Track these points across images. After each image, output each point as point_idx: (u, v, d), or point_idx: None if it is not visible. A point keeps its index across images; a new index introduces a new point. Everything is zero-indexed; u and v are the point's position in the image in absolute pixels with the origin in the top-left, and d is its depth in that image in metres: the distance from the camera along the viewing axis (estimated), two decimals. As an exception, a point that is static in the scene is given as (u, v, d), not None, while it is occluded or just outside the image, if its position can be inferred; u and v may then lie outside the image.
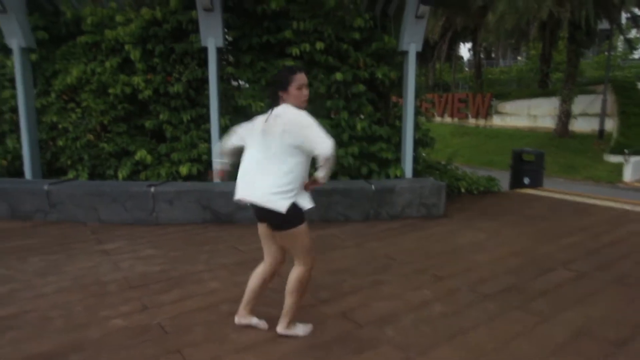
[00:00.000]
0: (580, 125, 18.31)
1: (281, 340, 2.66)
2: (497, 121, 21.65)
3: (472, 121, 22.35)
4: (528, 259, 4.11)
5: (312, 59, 6.06)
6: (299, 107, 2.43)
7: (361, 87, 6.12)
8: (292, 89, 2.43)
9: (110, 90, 5.89)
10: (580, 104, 18.26)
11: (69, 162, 6.05)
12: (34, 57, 5.97)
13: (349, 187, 5.41)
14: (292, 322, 2.69)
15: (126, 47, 5.88)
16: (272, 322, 2.77)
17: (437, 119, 22.90)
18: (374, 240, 4.69)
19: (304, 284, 2.62)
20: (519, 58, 34.82)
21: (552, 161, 14.65)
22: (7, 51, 6.04)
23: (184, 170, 5.82)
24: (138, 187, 5.19)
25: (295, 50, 5.89)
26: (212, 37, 5.56)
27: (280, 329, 2.67)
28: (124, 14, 6.00)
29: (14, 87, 5.99)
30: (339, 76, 5.98)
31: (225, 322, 2.87)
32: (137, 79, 5.86)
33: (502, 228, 5.18)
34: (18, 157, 6.13)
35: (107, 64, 5.90)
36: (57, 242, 4.42)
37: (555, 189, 8.33)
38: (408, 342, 2.67)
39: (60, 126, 6.00)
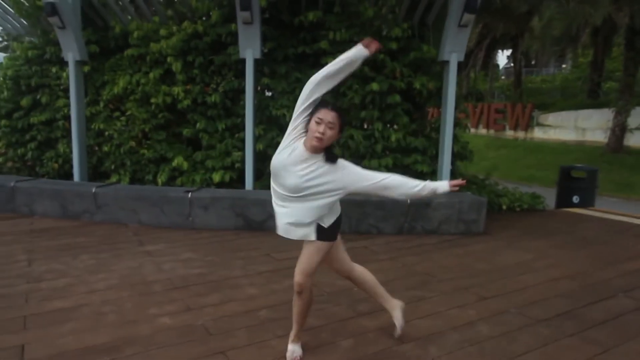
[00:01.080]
0: (637, 140, 17.49)
1: (320, 351, 2.85)
2: (538, 134, 21.15)
3: (509, 133, 21.90)
4: (583, 284, 3.98)
5: (347, 69, 6.31)
6: (309, 141, 2.44)
7: (397, 98, 6.27)
8: (312, 119, 2.44)
9: (153, 100, 6.36)
10: (637, 116, 17.52)
11: (112, 167, 6.58)
12: (86, 68, 6.55)
13: (382, 200, 5.61)
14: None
15: (168, 59, 6.34)
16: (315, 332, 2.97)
17: (472, 130, 22.51)
18: (409, 254, 4.79)
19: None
20: (564, 66, 33.91)
21: (603, 178, 13.94)
22: (62, 63, 6.65)
23: (216, 177, 6.20)
24: (175, 193, 5.59)
25: (330, 60, 6.15)
26: (250, 48, 5.93)
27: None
28: (167, 28, 6.47)
29: (67, 97, 6.63)
30: (374, 86, 6.17)
31: (266, 328, 3.13)
32: (177, 89, 6.30)
33: (550, 249, 5.04)
34: (67, 160, 6.76)
35: (151, 75, 6.38)
36: (104, 241, 4.90)
37: (610, 209, 7.97)
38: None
39: (106, 133, 6.55)
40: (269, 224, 5.49)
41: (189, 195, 5.52)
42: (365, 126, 6.63)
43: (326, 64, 6.13)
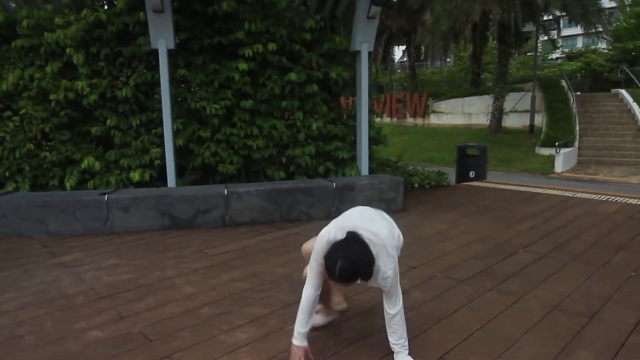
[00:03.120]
0: (512, 121, 19.64)
1: (272, 337, 2.69)
2: (434, 120, 22.68)
3: (410, 120, 23.26)
4: (491, 245, 4.36)
5: (264, 59, 6.10)
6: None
7: (315, 87, 6.24)
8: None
9: (52, 96, 5.58)
10: (510, 101, 19.60)
11: (6, 174, 5.66)
12: (-38, 61, 5.54)
13: (309, 186, 5.49)
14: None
15: (68, 50, 5.60)
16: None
17: (377, 119, 23.51)
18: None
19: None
20: (448, 60, 36.65)
21: (489, 155, 15.63)
22: None
23: (135, 176, 5.64)
24: (89, 196, 4.96)
25: (247, 52, 5.90)
26: (162, 39, 5.44)
27: None
28: (62, 16, 5.72)
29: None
30: (293, 76, 6.06)
31: (211, 324, 2.85)
32: (80, 84, 5.59)
33: (460, 218, 5.46)
34: (-53, 170, 5.66)
35: (48, 69, 5.59)
36: (6, 257, 4.12)
37: (500, 180, 8.90)
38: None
39: (-5, 135, 5.61)
40: (198, 221, 5.11)
41: (106, 197, 4.92)
42: (287, 116, 6.47)
43: (243, 55, 5.91)
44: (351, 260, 2.06)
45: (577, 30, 33.59)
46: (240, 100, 6.05)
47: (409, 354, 2.38)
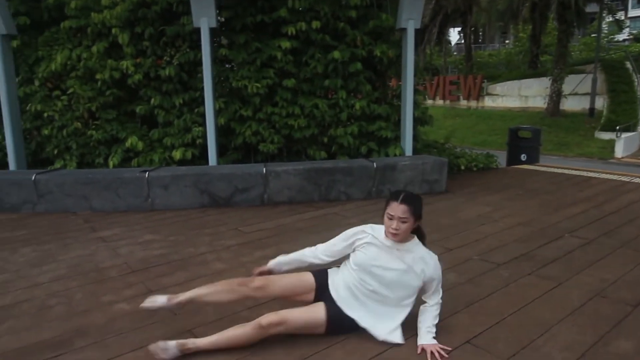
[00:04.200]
0: (571, 105, 18.43)
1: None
2: (488, 102, 21.68)
3: (463, 103, 22.37)
4: (535, 229, 4.09)
5: (308, 38, 5.91)
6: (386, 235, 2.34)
7: (358, 66, 5.98)
8: (385, 214, 2.31)
9: (98, 76, 5.68)
10: (570, 83, 18.36)
11: (55, 152, 5.84)
12: (15, 43, 5.72)
13: (349, 165, 5.29)
14: None
15: (113, 30, 5.66)
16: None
17: (429, 101, 22.86)
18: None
19: None
20: (507, 42, 34.93)
21: (545, 139, 14.74)
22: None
23: (177, 154, 5.66)
24: (131, 173, 5.01)
25: (290, 30, 5.73)
26: (204, 17, 5.37)
27: None
28: (109, -3, 5.76)
29: (-5, 77, 5.73)
30: (336, 54, 5.83)
31: (235, 301, 2.73)
32: (125, 63, 5.65)
33: (505, 201, 5.14)
34: (1, 148, 5.90)
35: (94, 49, 5.68)
36: (49, 232, 4.22)
37: (553, 164, 8.31)
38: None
39: (45, 115, 5.77)
40: (236, 199, 5.05)
41: (147, 174, 4.95)
42: (329, 95, 6.27)
43: (286, 33, 5.73)
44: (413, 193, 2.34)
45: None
46: (283, 79, 5.91)
47: (434, 337, 2.25)
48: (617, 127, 14.15)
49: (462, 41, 31.01)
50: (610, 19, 21.81)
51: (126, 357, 2.19)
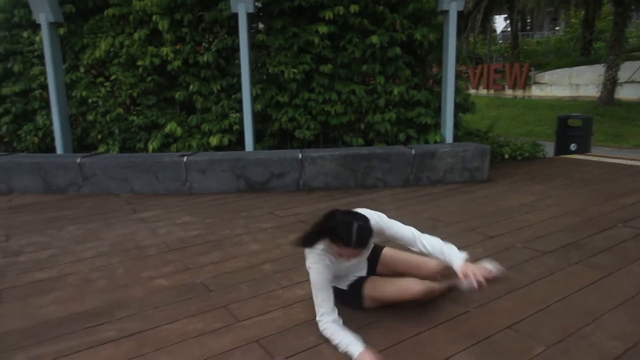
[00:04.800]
0: (627, 93, 17.44)
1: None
2: (535, 91, 20.85)
3: (508, 92, 21.62)
4: (584, 218, 3.90)
5: (345, 22, 5.87)
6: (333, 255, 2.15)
7: (397, 50, 5.89)
8: (333, 247, 2.11)
9: (139, 63, 5.87)
10: (626, 70, 17.36)
11: (99, 137, 6.09)
12: (62, 31, 5.99)
13: (387, 152, 5.24)
14: None
15: (154, 17, 5.82)
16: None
17: (472, 91, 22.24)
18: (416, 204, 4.53)
19: None
20: (557, 28, 33.44)
21: (597, 130, 14.02)
22: (35, 27, 6.08)
23: (214, 140, 5.78)
24: (170, 158, 5.17)
25: (328, 14, 5.70)
26: (242, 2, 5.42)
27: None
28: (150, -16, 5.93)
29: (42, 64, 6.02)
30: (374, 39, 5.76)
31: (270, 280, 2.80)
32: (165, 50, 5.81)
33: (551, 190, 4.93)
34: (49, 133, 6.22)
35: (136, 36, 5.87)
36: (93, 212, 4.43)
37: (606, 154, 7.91)
38: (465, 297, 2.52)
39: (89, 100, 6.03)
40: (271, 184, 5.11)
41: (185, 159, 5.10)
42: (367, 81, 6.21)
43: (323, 17, 5.69)
44: (363, 217, 2.10)
45: None
46: (320, 65, 5.91)
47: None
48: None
49: (508, 29, 29.97)
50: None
51: (163, 329, 2.27)
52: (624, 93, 17.48)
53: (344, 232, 2.00)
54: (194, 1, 5.82)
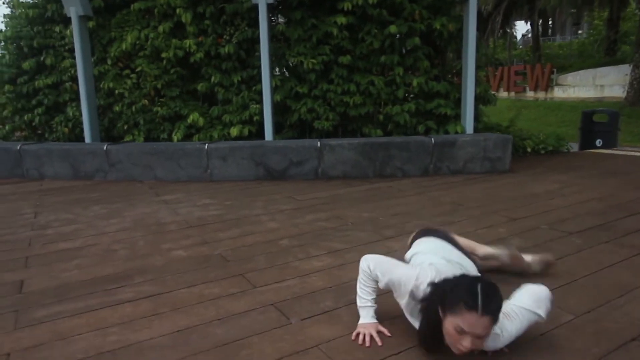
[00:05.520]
0: (655, 93, 16.89)
1: (346, 267, 2.53)
2: (558, 93, 20.38)
3: (530, 94, 21.18)
4: (612, 204, 3.78)
5: (364, 13, 5.83)
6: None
7: (417, 41, 5.82)
8: (449, 322, 1.51)
9: (163, 55, 5.95)
10: (654, 70, 16.83)
11: (125, 127, 6.19)
12: (91, 24, 6.12)
13: (406, 141, 5.19)
14: None
15: (177, 11, 5.90)
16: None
17: (492, 93, 21.94)
18: (435, 190, 4.46)
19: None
20: (580, 32, 32.73)
21: (624, 130, 13.62)
22: (66, 22, 6.24)
23: (234, 131, 5.80)
24: (192, 145, 5.23)
25: (347, 5, 5.68)
26: (262, -8, 5.47)
27: None
28: (174, -22, 6.02)
29: (73, 57, 6.16)
30: (393, 29, 5.71)
31: (287, 252, 2.79)
32: (188, 42, 5.87)
33: (576, 179, 4.80)
34: (78, 124, 6.35)
35: (160, 29, 5.95)
36: (118, 195, 4.50)
37: (635, 149, 7.63)
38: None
39: (116, 92, 6.13)
40: (290, 172, 5.11)
41: (206, 146, 5.14)
42: (386, 73, 6.16)
43: (342, 9, 5.67)
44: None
45: None
46: (338, 56, 5.89)
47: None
48: None
49: (529, 34, 29.46)
50: None
51: (180, 292, 2.27)
52: (651, 93, 16.94)
53: (467, 291, 1.51)
54: (216, -7, 5.89)
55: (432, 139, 5.18)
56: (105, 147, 5.23)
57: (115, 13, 6.25)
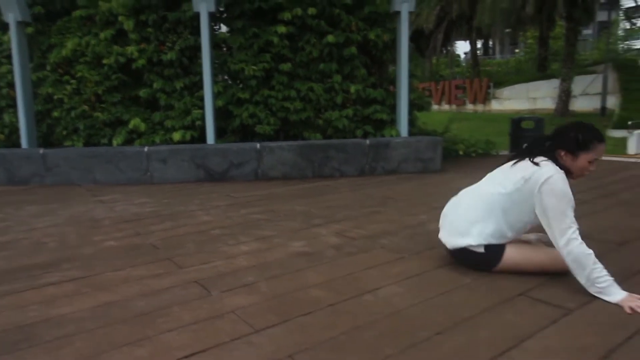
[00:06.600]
0: (581, 105, 18.31)
1: (273, 250, 2.68)
2: (495, 106, 21.61)
3: (470, 107, 22.34)
4: None
5: (304, 23, 6.07)
6: (573, 177, 2.10)
7: (353, 50, 6.11)
8: (583, 158, 2.05)
9: (105, 61, 5.92)
10: (580, 84, 18.27)
11: (64, 133, 6.07)
12: (29, 30, 6.01)
13: (343, 142, 5.42)
14: None
15: (120, 18, 5.91)
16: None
17: (435, 106, 22.93)
18: (369, 187, 4.70)
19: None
20: (517, 50, 34.87)
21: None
22: (3, 28, 6.09)
23: (176, 136, 5.82)
24: (131, 148, 5.22)
25: (287, 15, 5.91)
26: (204, 2, 5.58)
27: None
28: (117, -14, 6.04)
29: (10, 63, 6.01)
30: (330, 39, 5.98)
31: (217, 240, 2.89)
32: (130, 49, 5.88)
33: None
34: (15, 130, 6.16)
35: (102, 36, 5.92)
36: (53, 197, 4.42)
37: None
38: (401, 247, 2.68)
39: (55, 98, 6.02)
40: (231, 174, 5.20)
41: (146, 149, 5.15)
42: (325, 80, 6.41)
43: (282, 19, 5.86)
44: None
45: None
46: (279, 64, 6.08)
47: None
48: (629, 122, 14.01)
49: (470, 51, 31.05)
50: (627, 26, 21.68)
51: (106, 275, 2.33)
52: (579, 105, 18.34)
53: (592, 132, 2.06)
54: (159, 2, 5.95)
55: (368, 141, 5.44)
56: (41, 152, 5.13)
57: (56, 20, 6.18)
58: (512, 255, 2.17)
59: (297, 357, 1.54)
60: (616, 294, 1.87)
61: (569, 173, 2.06)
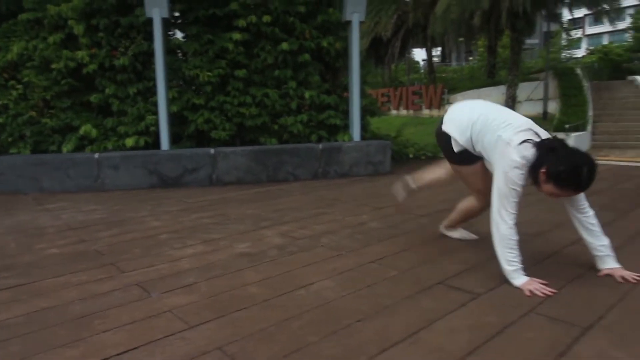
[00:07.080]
0: (526, 109, 19.20)
1: (217, 252, 2.70)
2: (450, 111, 22.34)
3: (426, 112, 22.99)
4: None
5: (259, 30, 6.12)
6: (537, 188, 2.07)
7: (307, 57, 6.20)
8: (552, 188, 1.98)
9: (54, 66, 5.73)
10: (525, 90, 19.21)
11: (9, 140, 5.84)
12: (-30, 34, 5.77)
13: (296, 147, 5.48)
14: (450, 227, 2.95)
15: (69, 22, 5.75)
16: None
17: (393, 111, 23.47)
18: (321, 190, 4.78)
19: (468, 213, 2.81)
20: (471, 58, 36.24)
21: (501, 143, 15.34)
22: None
23: (130, 142, 5.72)
24: (81, 155, 5.09)
25: (242, 23, 5.93)
26: (156, 7, 5.53)
27: (441, 227, 3.00)
28: (65, -11, 5.88)
29: (-49, 68, 5.76)
30: (285, 46, 6.05)
31: (164, 244, 2.88)
32: (81, 54, 5.73)
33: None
34: (-44, 138, 5.89)
35: (50, 40, 5.74)
36: (-4, 206, 4.27)
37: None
38: (341, 245, 2.77)
39: (0, 103, 5.80)
40: (185, 180, 5.16)
41: (97, 156, 5.04)
42: (281, 87, 6.48)
43: (237, 26, 5.89)
44: (590, 160, 1.95)
45: (603, 28, 32.89)
46: (235, 70, 6.09)
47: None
48: (566, 126, 14.82)
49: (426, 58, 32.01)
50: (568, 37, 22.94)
51: (45, 282, 2.28)
52: (524, 109, 19.23)
53: (571, 176, 1.93)
54: (110, 7, 5.83)
55: (321, 145, 5.54)
56: (-16, 159, 4.92)
57: (1, 23, 5.95)
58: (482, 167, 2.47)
59: (226, 349, 1.58)
60: (519, 279, 2.07)
61: (535, 180, 2.05)
